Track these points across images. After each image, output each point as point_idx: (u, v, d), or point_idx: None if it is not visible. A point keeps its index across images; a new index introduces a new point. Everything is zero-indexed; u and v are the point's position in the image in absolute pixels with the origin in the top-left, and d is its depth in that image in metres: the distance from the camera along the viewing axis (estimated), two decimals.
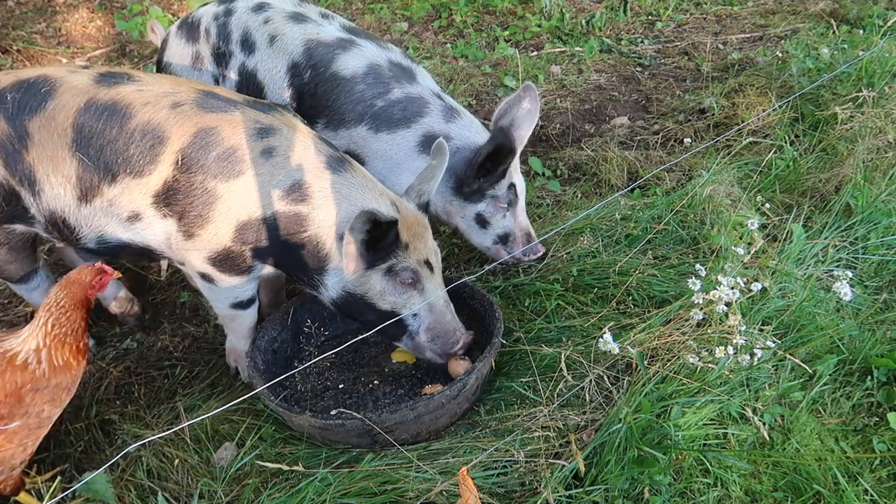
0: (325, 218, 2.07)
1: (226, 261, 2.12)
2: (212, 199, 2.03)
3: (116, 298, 2.73)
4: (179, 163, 2.01)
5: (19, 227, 2.22)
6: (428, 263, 2.16)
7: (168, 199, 2.05)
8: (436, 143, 2.27)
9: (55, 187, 2.06)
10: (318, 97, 2.59)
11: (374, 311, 2.14)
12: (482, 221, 2.60)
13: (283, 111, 2.18)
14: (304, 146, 2.08)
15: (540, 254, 2.65)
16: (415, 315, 2.16)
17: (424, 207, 2.24)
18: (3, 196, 2.09)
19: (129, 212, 2.08)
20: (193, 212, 2.05)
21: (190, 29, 2.83)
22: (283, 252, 2.13)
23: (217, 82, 2.77)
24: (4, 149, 2.02)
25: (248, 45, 2.67)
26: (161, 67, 2.94)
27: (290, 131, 2.09)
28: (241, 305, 2.31)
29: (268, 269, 2.23)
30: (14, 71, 2.13)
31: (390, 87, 2.56)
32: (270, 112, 2.12)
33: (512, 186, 2.58)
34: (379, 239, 2.00)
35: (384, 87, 2.56)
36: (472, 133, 2.58)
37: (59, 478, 2.02)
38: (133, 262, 3.00)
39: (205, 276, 2.19)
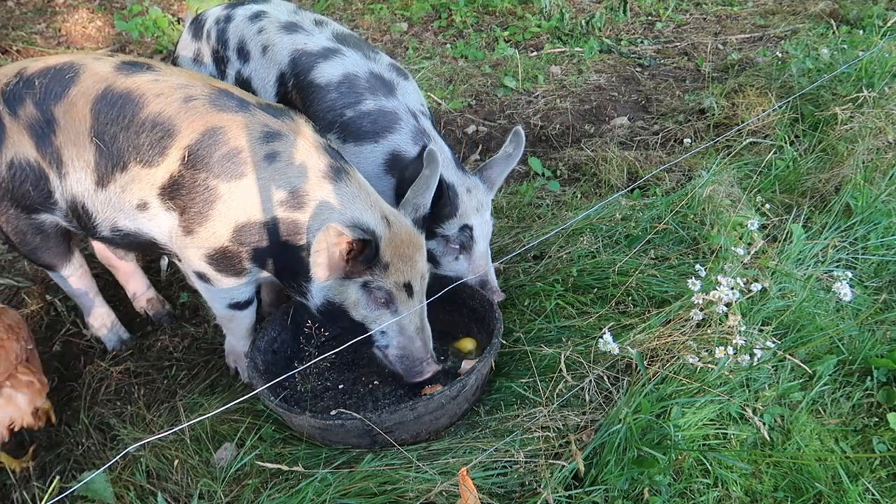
0: (318, 227, 2.03)
1: (223, 260, 2.12)
2: (213, 197, 2.03)
3: (149, 300, 2.79)
4: (186, 159, 2.02)
5: (48, 218, 2.26)
6: (408, 287, 2.10)
7: (172, 192, 2.06)
8: (427, 150, 2.23)
9: (77, 171, 2.11)
10: (295, 104, 2.59)
11: (349, 319, 2.14)
12: (433, 259, 2.46)
13: (295, 117, 2.17)
14: (307, 153, 2.07)
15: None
16: (383, 333, 2.15)
17: (420, 223, 2.18)
18: (33, 178, 2.14)
19: (138, 199, 2.11)
20: (194, 208, 2.05)
21: (197, 26, 2.90)
22: (280, 257, 2.12)
23: None
24: (35, 132, 2.09)
25: (243, 54, 2.71)
26: (175, 54, 3.02)
27: (296, 137, 2.08)
28: (239, 306, 2.31)
29: (267, 274, 2.22)
30: (43, 57, 2.19)
31: (362, 98, 2.47)
32: (280, 117, 2.12)
33: (466, 228, 2.41)
34: (356, 253, 1.98)
35: (356, 98, 2.48)
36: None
37: (57, 478, 2.02)
38: (145, 253, 3.01)
39: (201, 276, 2.19)
